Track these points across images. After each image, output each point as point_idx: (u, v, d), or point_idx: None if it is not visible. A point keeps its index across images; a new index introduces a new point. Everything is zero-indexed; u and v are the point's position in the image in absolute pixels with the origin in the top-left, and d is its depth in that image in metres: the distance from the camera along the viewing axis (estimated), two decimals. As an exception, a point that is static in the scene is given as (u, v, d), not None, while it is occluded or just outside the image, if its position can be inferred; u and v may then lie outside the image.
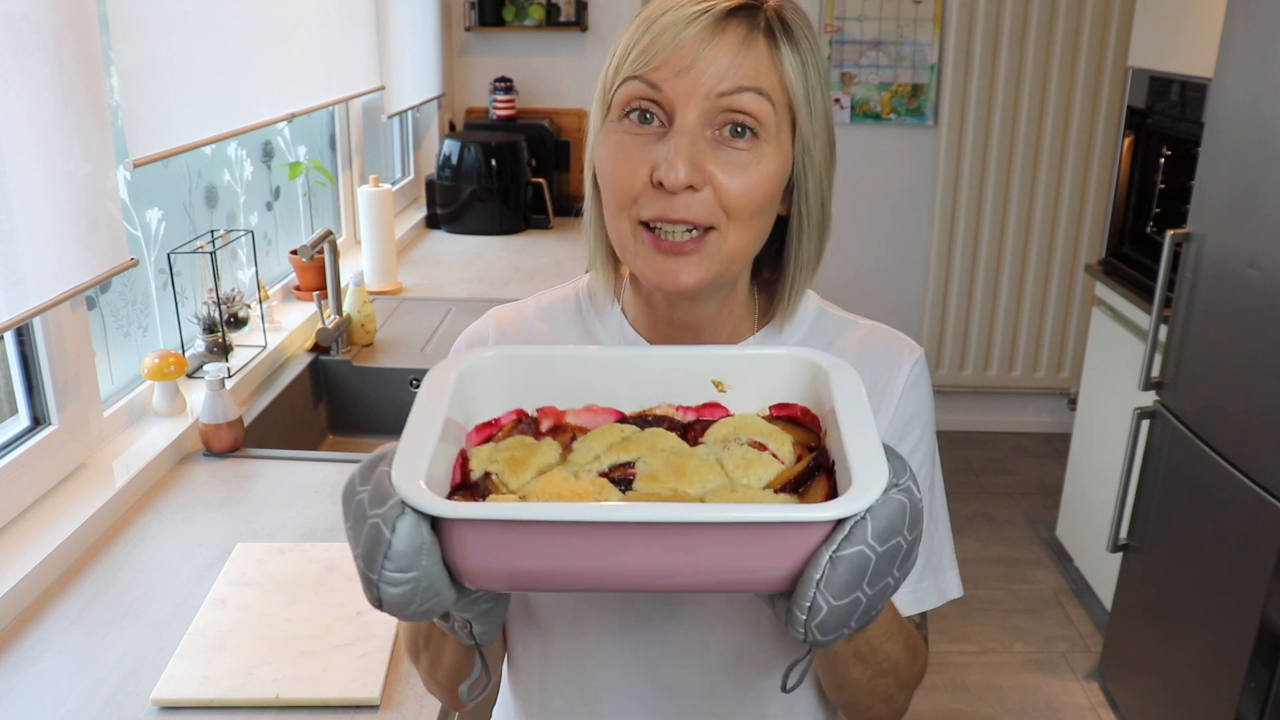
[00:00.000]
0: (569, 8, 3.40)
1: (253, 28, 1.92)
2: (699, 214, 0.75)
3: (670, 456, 0.65)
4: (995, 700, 2.56)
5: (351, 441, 2.09)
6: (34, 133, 1.26)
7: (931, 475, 0.89)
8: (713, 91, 0.73)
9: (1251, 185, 1.92)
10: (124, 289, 1.71)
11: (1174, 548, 2.21)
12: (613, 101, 0.77)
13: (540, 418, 0.71)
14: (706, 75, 0.73)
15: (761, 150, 0.75)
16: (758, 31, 0.74)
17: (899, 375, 0.86)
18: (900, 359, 0.87)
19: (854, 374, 0.68)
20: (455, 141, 3.08)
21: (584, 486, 0.62)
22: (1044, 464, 3.80)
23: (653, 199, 0.75)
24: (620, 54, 0.77)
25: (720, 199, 0.75)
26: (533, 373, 0.71)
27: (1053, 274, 3.82)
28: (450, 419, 0.65)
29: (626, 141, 0.76)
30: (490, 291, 2.54)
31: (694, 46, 0.73)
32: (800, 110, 0.77)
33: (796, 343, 0.88)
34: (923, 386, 0.88)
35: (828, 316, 0.90)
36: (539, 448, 0.66)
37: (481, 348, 0.74)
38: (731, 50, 0.73)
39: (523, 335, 0.92)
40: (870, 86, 3.68)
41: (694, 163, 0.73)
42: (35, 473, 1.38)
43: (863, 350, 0.87)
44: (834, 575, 0.57)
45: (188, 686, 1.06)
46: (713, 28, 0.73)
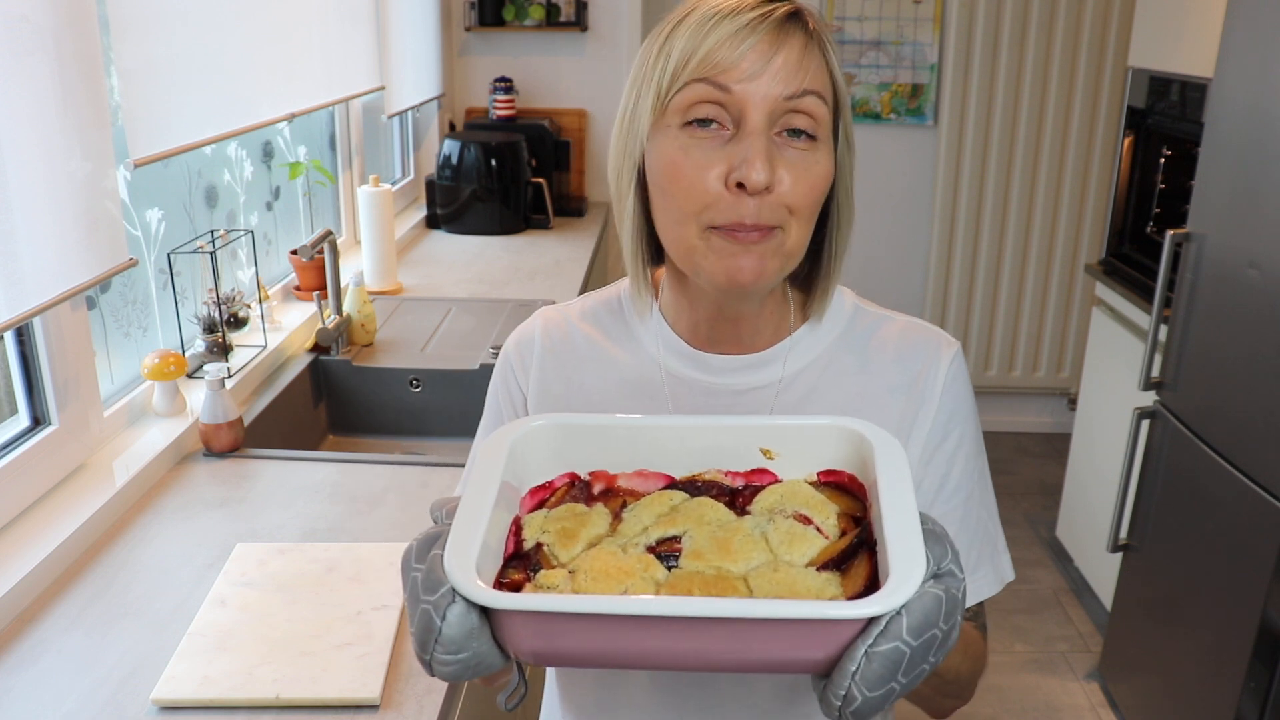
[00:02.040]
0: (569, 8, 3.40)
1: (253, 28, 1.91)
2: (769, 216, 0.76)
3: (716, 531, 0.65)
4: (995, 700, 2.56)
5: (351, 441, 2.09)
6: (34, 133, 1.26)
7: (978, 466, 0.89)
8: (781, 95, 0.75)
9: (1251, 185, 1.92)
10: (124, 289, 1.71)
11: (1174, 548, 2.21)
12: (669, 105, 0.77)
13: (592, 481, 0.72)
14: (775, 80, 0.74)
15: (818, 150, 0.78)
16: (810, 36, 0.77)
17: (939, 370, 0.87)
18: (939, 354, 0.88)
19: (899, 447, 0.69)
20: (455, 141, 3.08)
21: (630, 563, 0.63)
22: (1044, 464, 3.80)
23: (728, 204, 0.75)
24: (678, 57, 0.76)
25: (785, 199, 0.76)
26: (586, 439, 0.72)
27: (1053, 274, 3.82)
28: (506, 482, 0.67)
29: (693, 145, 0.76)
30: (490, 291, 2.54)
31: (761, 51, 0.74)
32: (845, 110, 0.80)
33: (835, 339, 0.89)
34: (962, 380, 0.88)
35: (863, 313, 0.91)
36: (589, 517, 0.68)
37: (535, 416, 0.75)
38: (794, 55, 0.75)
39: (567, 338, 0.93)
40: (870, 86, 3.68)
41: (770, 163, 0.75)
42: (35, 473, 1.38)
43: (901, 345, 0.89)
44: (869, 669, 0.57)
45: (188, 686, 1.06)
46: (776, 34, 0.75)
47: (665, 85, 0.77)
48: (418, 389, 2.07)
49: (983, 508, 0.89)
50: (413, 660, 1.12)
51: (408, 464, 1.63)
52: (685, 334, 0.89)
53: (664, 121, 0.77)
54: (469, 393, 2.05)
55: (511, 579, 0.64)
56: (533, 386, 0.92)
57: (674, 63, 0.76)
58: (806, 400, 0.87)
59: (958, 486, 0.87)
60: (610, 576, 0.62)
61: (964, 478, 0.87)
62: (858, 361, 0.89)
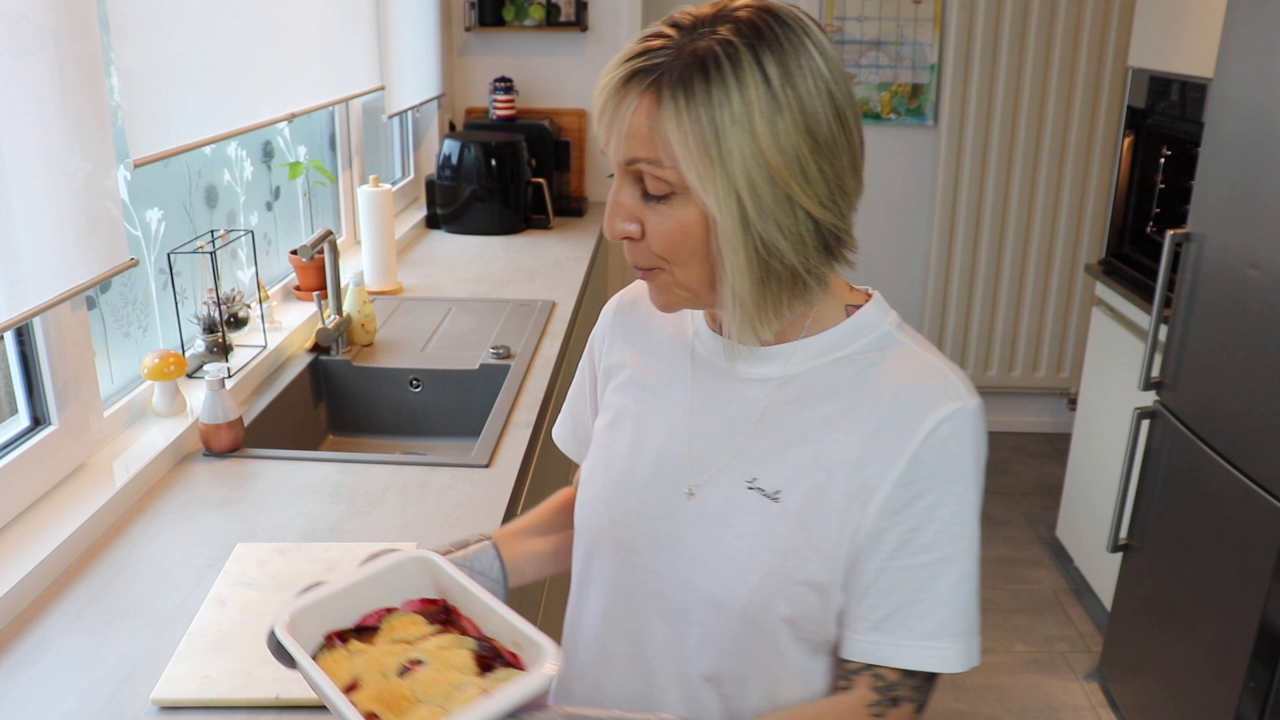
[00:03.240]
0: (569, 8, 3.40)
1: (253, 28, 1.92)
2: (641, 260, 0.84)
3: (440, 673, 0.80)
4: (995, 700, 2.56)
5: (351, 441, 2.09)
6: (34, 133, 1.26)
7: (963, 535, 0.82)
8: (621, 160, 0.80)
9: (1251, 185, 1.92)
10: (124, 289, 1.71)
11: (1174, 548, 2.21)
12: None
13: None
14: (616, 146, 0.80)
15: (673, 204, 0.80)
16: (648, 95, 0.77)
17: (927, 420, 0.81)
18: (936, 405, 0.82)
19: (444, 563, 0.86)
20: (455, 141, 3.08)
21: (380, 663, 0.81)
22: (1044, 464, 3.80)
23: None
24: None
25: (652, 246, 0.82)
26: (333, 606, 0.85)
27: (1053, 274, 3.83)
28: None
29: (615, 186, 0.84)
30: (490, 291, 2.54)
31: (604, 116, 0.79)
32: (688, 172, 0.77)
33: (847, 352, 0.87)
34: (958, 440, 0.81)
35: (892, 338, 0.88)
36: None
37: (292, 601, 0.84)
38: (626, 122, 0.78)
39: (634, 311, 1.02)
40: (870, 86, 3.68)
41: (626, 216, 0.82)
42: (35, 473, 1.38)
43: (906, 381, 0.84)
44: None
45: (188, 686, 1.06)
46: (616, 100, 0.78)
47: None
48: (418, 389, 2.07)
49: (961, 579, 0.82)
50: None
51: (408, 464, 1.63)
52: (710, 316, 0.94)
53: None
54: (469, 393, 2.05)
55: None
56: (605, 349, 1.03)
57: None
58: (796, 402, 0.87)
59: (927, 546, 0.82)
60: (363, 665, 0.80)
61: (939, 540, 0.81)
62: (856, 380, 0.86)
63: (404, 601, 0.88)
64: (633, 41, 0.79)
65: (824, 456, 0.84)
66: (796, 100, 0.77)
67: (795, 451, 0.85)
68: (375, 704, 0.76)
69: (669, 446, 0.92)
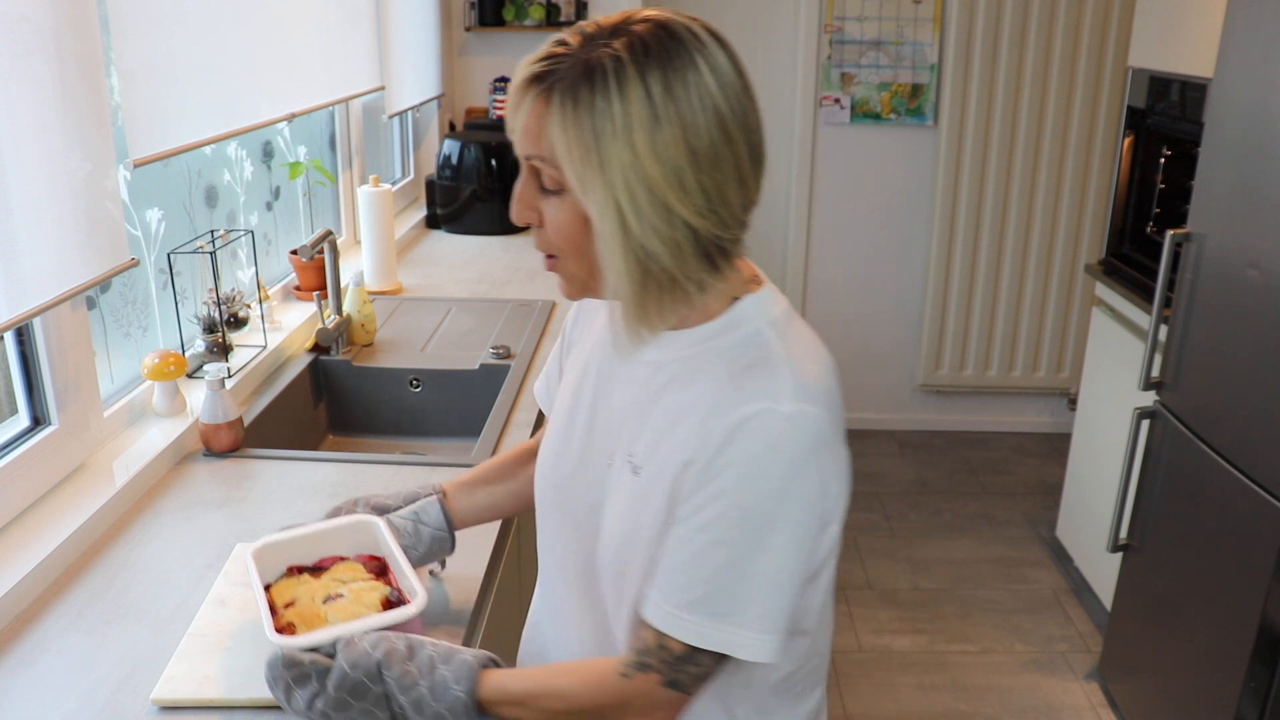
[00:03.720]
0: (569, 8, 3.40)
1: (253, 28, 1.92)
2: (542, 246, 0.92)
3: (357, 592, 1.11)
4: (995, 700, 2.56)
5: (351, 441, 2.09)
6: (34, 133, 1.26)
7: (743, 529, 0.85)
8: (520, 154, 0.87)
9: (1251, 185, 1.92)
10: (124, 289, 1.71)
11: (1174, 548, 2.21)
12: None
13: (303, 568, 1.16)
14: (515, 139, 0.87)
15: (561, 200, 0.86)
16: (540, 98, 0.83)
17: (731, 416, 0.85)
18: (743, 403, 0.85)
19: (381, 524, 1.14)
20: (455, 141, 3.08)
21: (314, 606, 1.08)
22: (1044, 464, 3.80)
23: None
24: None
25: (546, 236, 0.90)
26: (299, 546, 1.16)
27: (1053, 274, 3.83)
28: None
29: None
30: (490, 291, 2.54)
31: (511, 114, 0.87)
32: (576, 169, 0.82)
33: (718, 345, 0.91)
34: (754, 439, 0.84)
35: (759, 336, 0.91)
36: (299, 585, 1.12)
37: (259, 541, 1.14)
38: (524, 120, 0.85)
39: (588, 303, 1.11)
40: (870, 86, 3.68)
41: (528, 205, 0.89)
42: (35, 473, 1.38)
43: (732, 379, 0.88)
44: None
45: (188, 686, 1.06)
46: (518, 98, 0.85)
47: None
48: (418, 389, 2.07)
49: (730, 567, 0.85)
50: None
51: (408, 464, 1.63)
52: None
53: None
54: (469, 393, 2.05)
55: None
56: (570, 329, 1.14)
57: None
58: (665, 387, 0.93)
59: (705, 526, 0.85)
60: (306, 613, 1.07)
61: (716, 523, 0.85)
62: (713, 374, 0.89)
63: (355, 554, 1.16)
64: (544, 45, 0.85)
65: (671, 439, 0.90)
66: (676, 115, 0.81)
67: (655, 432, 0.92)
68: (296, 618, 1.04)
69: (590, 420, 1.00)
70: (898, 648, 2.76)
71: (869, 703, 2.55)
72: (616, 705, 0.90)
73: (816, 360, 0.90)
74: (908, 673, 2.66)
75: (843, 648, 2.76)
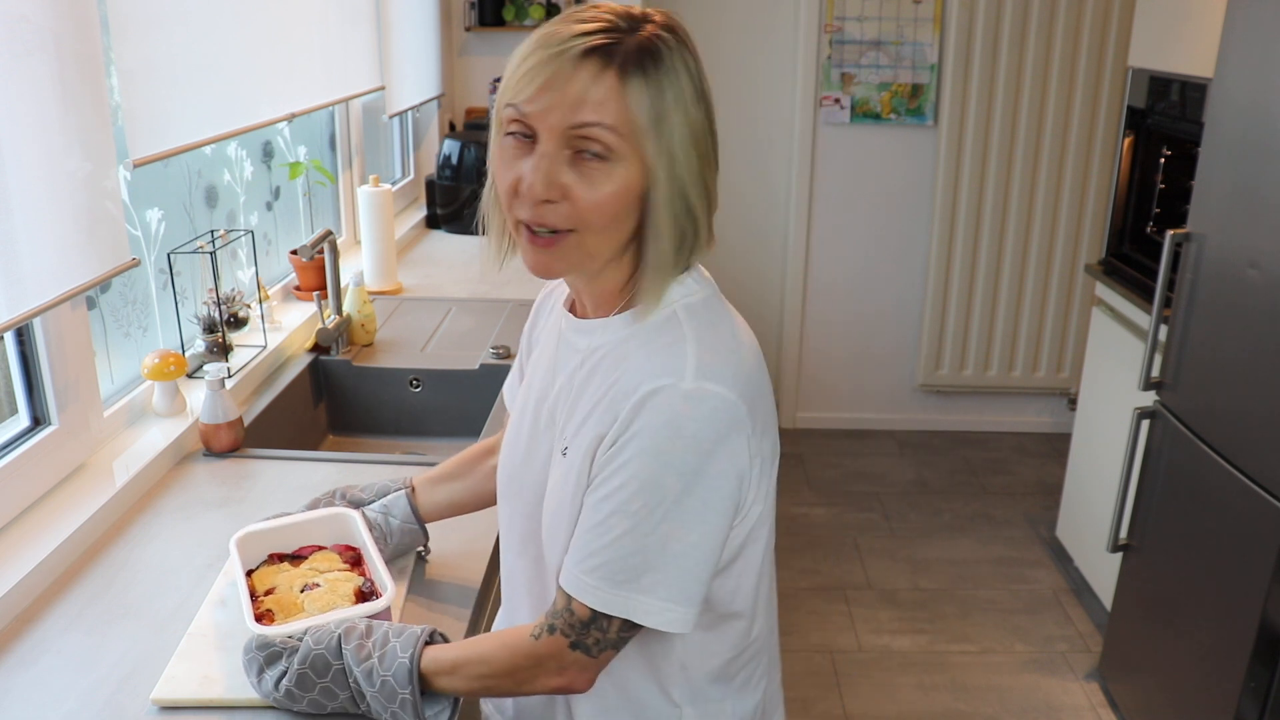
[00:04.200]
0: (569, 8, 3.40)
1: (253, 28, 1.91)
2: (557, 220, 0.89)
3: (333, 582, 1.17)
4: (995, 700, 2.56)
5: (351, 441, 2.09)
6: (34, 133, 1.26)
7: (646, 499, 0.89)
8: (565, 124, 0.87)
9: (1251, 185, 1.92)
10: (124, 289, 1.71)
11: (1174, 548, 2.21)
12: (501, 116, 0.91)
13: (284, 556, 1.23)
14: (561, 110, 0.86)
15: (613, 169, 0.88)
16: (610, 69, 0.86)
17: (634, 393, 0.90)
18: (646, 380, 0.90)
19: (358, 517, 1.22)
20: (455, 141, 3.08)
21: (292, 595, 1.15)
22: (1044, 464, 3.80)
23: (519, 204, 0.90)
24: (505, 80, 0.91)
25: (577, 210, 0.88)
26: (279, 535, 1.24)
27: (1053, 274, 3.82)
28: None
29: (507, 153, 0.91)
30: (490, 291, 2.54)
31: (552, 83, 0.86)
32: (646, 140, 0.88)
33: (638, 330, 0.95)
34: (655, 414, 0.88)
35: (672, 320, 0.95)
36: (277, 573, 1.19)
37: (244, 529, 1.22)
38: (581, 87, 0.86)
39: (552, 290, 1.15)
40: (870, 86, 3.68)
41: (550, 180, 0.88)
42: (35, 473, 1.38)
43: (641, 358, 0.92)
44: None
45: (188, 686, 1.06)
46: (571, 67, 0.86)
47: (500, 101, 0.92)
48: (418, 389, 2.07)
49: (629, 536, 0.89)
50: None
51: (408, 464, 1.63)
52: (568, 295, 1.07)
53: (500, 128, 0.92)
54: (469, 393, 2.05)
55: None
56: (531, 323, 1.16)
57: (504, 84, 0.91)
58: (592, 372, 0.97)
59: (608, 496, 0.90)
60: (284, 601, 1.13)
61: (618, 493, 0.89)
62: (630, 355, 0.94)
63: (332, 544, 1.23)
64: (566, 24, 0.88)
65: (590, 420, 0.94)
66: (705, 96, 0.92)
67: (581, 415, 0.96)
68: (275, 605, 1.11)
69: (537, 411, 1.04)
70: (898, 648, 2.76)
71: (869, 703, 2.55)
72: (530, 667, 0.95)
73: (729, 344, 0.94)
74: (908, 673, 2.66)
75: (843, 648, 2.76)
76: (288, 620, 1.09)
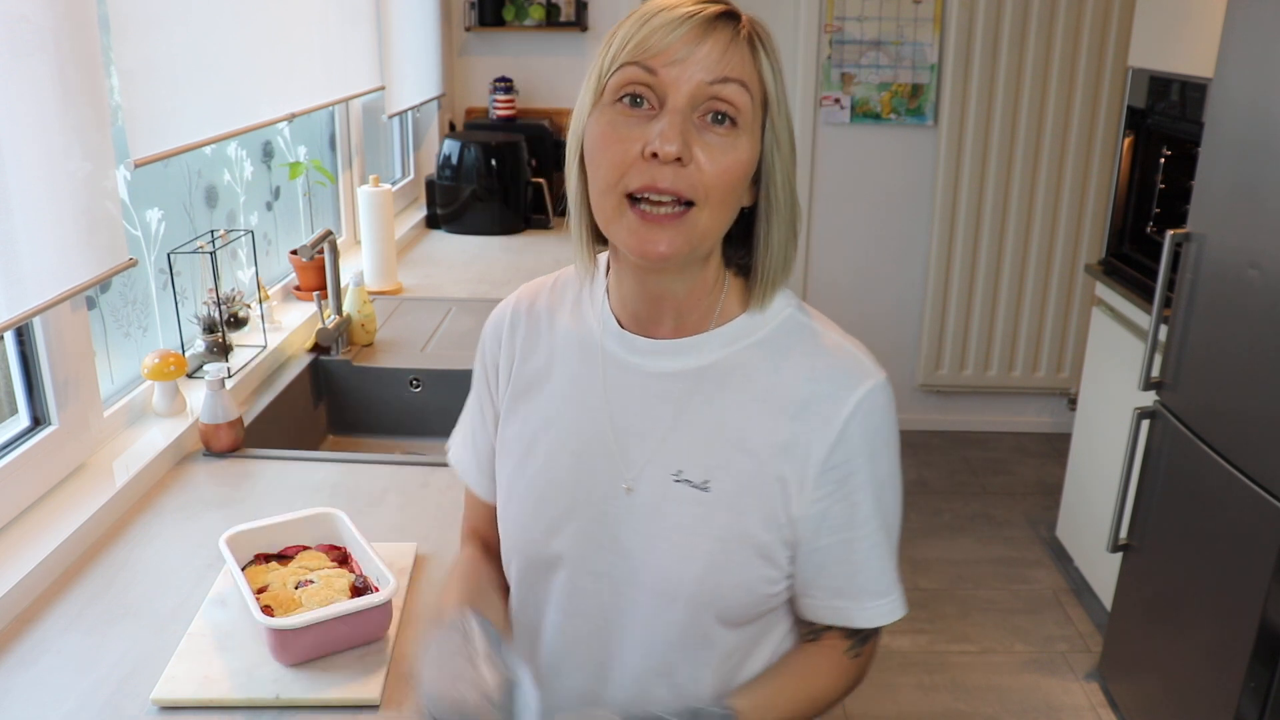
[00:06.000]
0: (569, 8, 3.40)
1: (253, 28, 1.92)
2: (683, 186, 0.81)
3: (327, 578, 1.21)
4: (995, 700, 2.56)
5: (351, 441, 2.09)
6: (34, 133, 1.26)
7: (891, 498, 0.91)
8: (703, 80, 0.81)
9: (1252, 185, 1.92)
10: (124, 289, 1.71)
11: (1174, 548, 2.21)
12: (606, 86, 0.84)
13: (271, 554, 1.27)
14: (698, 65, 0.81)
15: (739, 138, 0.83)
16: (740, 37, 0.83)
17: (847, 400, 0.87)
18: (854, 384, 0.88)
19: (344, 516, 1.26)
20: (455, 141, 3.08)
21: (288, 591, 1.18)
22: (1044, 464, 3.80)
23: (642, 170, 0.81)
24: (618, 44, 0.84)
25: (701, 177, 0.81)
26: (264, 535, 1.27)
27: (1053, 274, 3.82)
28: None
29: (620, 120, 0.83)
30: (490, 291, 2.54)
31: (688, 40, 0.81)
32: (773, 107, 0.85)
33: (758, 339, 0.91)
34: (878, 414, 0.89)
35: (798, 321, 0.92)
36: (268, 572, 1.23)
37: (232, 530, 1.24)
38: (720, 47, 0.81)
39: (531, 308, 1.02)
40: (870, 86, 3.68)
41: (685, 139, 0.81)
42: (35, 473, 1.38)
43: (819, 364, 0.90)
44: None
45: (188, 686, 1.06)
46: (704, 27, 0.81)
47: (605, 67, 0.85)
48: (418, 389, 2.07)
49: (892, 539, 0.92)
50: (413, 660, 1.12)
51: (408, 464, 1.63)
52: (619, 312, 0.94)
53: (601, 101, 0.85)
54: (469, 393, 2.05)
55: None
56: (503, 355, 1.02)
57: (614, 49, 0.84)
58: (712, 391, 0.89)
59: (869, 516, 0.90)
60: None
61: (877, 509, 0.90)
62: (771, 366, 0.90)
63: (317, 544, 1.26)
64: (682, 4, 0.83)
65: (747, 443, 0.88)
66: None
67: (718, 440, 0.89)
68: (272, 602, 1.14)
69: (594, 447, 0.93)
70: (898, 648, 2.76)
71: (869, 703, 2.55)
72: (854, 683, 0.98)
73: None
74: (908, 673, 2.66)
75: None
76: (287, 615, 1.10)
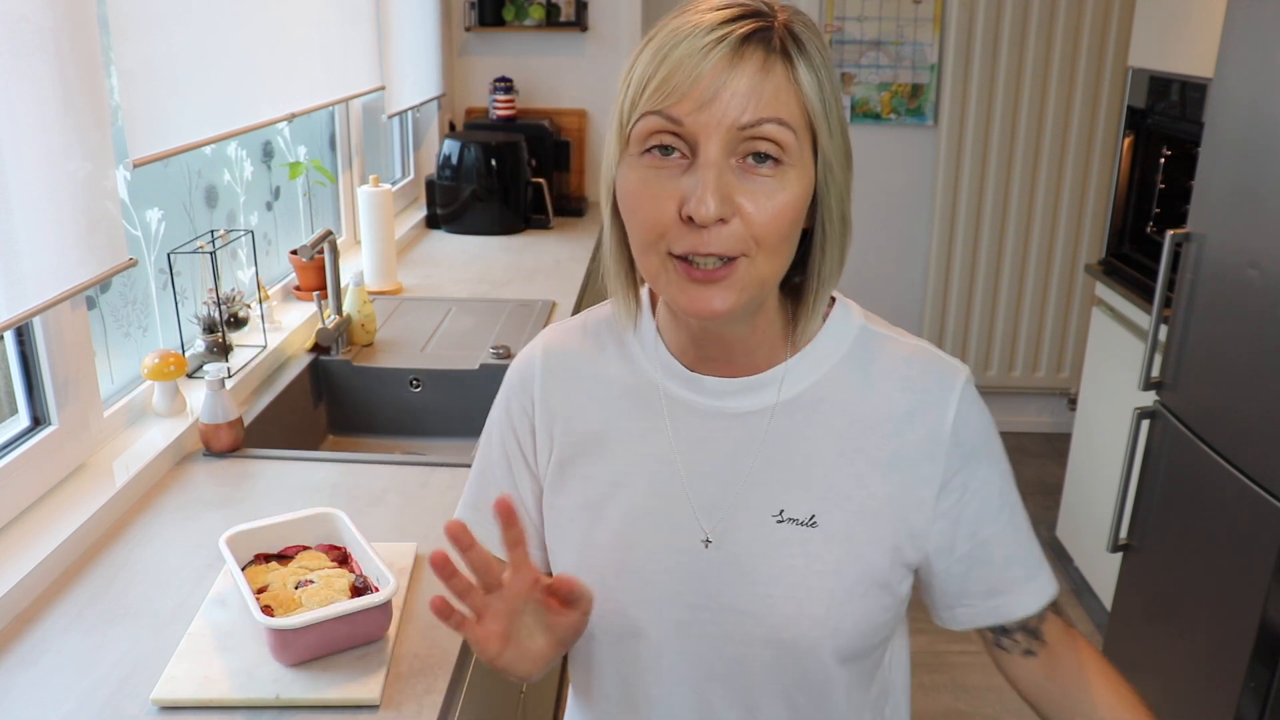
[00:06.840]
0: (569, 8, 3.40)
1: (253, 27, 1.91)
2: (729, 245, 0.74)
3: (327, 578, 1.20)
4: (995, 700, 2.56)
5: (351, 441, 2.09)
6: (34, 133, 1.26)
7: (1012, 481, 0.91)
8: (735, 124, 0.72)
9: (1251, 185, 1.92)
10: (124, 289, 1.71)
11: (1174, 548, 2.21)
12: (631, 135, 0.75)
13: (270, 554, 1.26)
14: (729, 108, 0.71)
15: (786, 175, 0.74)
16: (774, 55, 0.73)
17: (950, 400, 0.85)
18: (950, 382, 0.85)
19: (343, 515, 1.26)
20: (455, 141, 3.08)
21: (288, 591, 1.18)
22: (1044, 464, 3.80)
23: (683, 233, 0.74)
24: (635, 86, 0.75)
25: (750, 229, 0.74)
26: (264, 535, 1.26)
27: (1053, 274, 3.82)
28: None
29: (650, 176, 0.75)
30: (490, 291, 2.54)
31: (714, 78, 0.71)
32: (821, 129, 0.75)
33: (838, 361, 0.86)
34: (977, 406, 0.87)
35: (870, 333, 0.88)
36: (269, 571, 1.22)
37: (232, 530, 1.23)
38: (751, 80, 0.72)
39: (566, 357, 0.92)
40: (870, 86, 3.68)
41: (723, 195, 0.72)
42: (35, 473, 1.38)
43: (909, 371, 0.86)
44: None
45: (188, 686, 1.06)
46: (730, 57, 0.71)
47: (626, 115, 0.76)
48: (418, 389, 2.07)
49: (1025, 517, 0.91)
50: (413, 660, 1.12)
51: (408, 464, 1.63)
52: (678, 352, 0.87)
53: (628, 151, 0.76)
54: (469, 393, 2.05)
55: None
56: (539, 415, 0.92)
57: (633, 91, 0.75)
58: (801, 423, 0.84)
59: (1002, 505, 0.88)
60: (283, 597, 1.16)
61: (1002, 503, 0.88)
62: (861, 384, 0.85)
63: (317, 544, 1.26)
64: (697, 14, 0.74)
65: (850, 469, 0.83)
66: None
67: (818, 472, 0.83)
68: (273, 602, 1.14)
69: (670, 503, 0.85)
70: (898, 648, 2.76)
71: (869, 703, 2.55)
72: (1100, 651, 0.95)
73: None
74: (908, 673, 2.66)
75: (843, 648, 2.76)
76: (287, 615, 1.10)
